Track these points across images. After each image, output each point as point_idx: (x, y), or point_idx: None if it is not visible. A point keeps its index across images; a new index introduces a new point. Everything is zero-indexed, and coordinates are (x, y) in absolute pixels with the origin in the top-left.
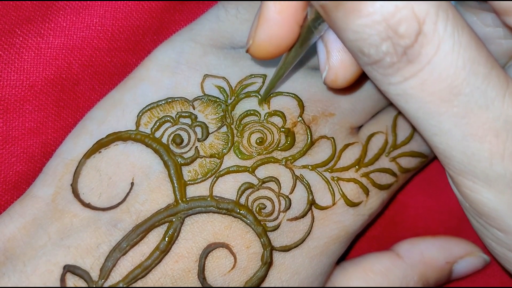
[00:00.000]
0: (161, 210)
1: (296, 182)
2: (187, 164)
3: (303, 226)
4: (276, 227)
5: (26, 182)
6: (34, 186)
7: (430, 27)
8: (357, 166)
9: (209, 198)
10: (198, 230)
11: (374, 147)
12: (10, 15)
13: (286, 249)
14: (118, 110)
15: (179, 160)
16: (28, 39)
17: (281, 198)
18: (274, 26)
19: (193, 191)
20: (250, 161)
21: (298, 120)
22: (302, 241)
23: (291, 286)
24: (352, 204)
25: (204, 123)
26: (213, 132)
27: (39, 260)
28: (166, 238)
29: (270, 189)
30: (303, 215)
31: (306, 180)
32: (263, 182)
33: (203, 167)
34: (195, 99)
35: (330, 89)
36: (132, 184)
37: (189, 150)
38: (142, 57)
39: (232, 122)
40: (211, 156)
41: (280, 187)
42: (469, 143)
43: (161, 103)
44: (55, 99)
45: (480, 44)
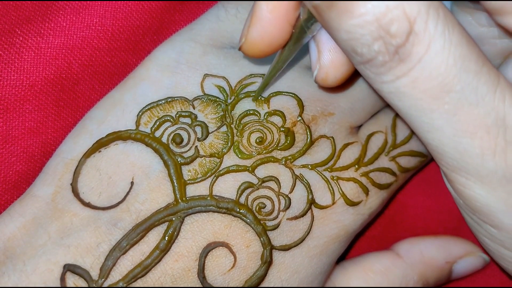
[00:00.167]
0: (161, 209)
1: (295, 182)
2: (187, 163)
3: (303, 226)
4: (275, 226)
5: (26, 181)
6: (34, 185)
7: (421, 26)
8: (356, 166)
9: (209, 198)
10: (198, 229)
11: (373, 147)
12: (10, 15)
13: (286, 248)
14: (118, 109)
15: (179, 159)
16: (28, 39)
17: (280, 198)
18: (266, 24)
19: (193, 191)
20: (250, 160)
21: (298, 119)
22: (302, 240)
23: (291, 285)
24: (351, 203)
25: (204, 123)
26: (213, 131)
27: (39, 259)
28: (166, 237)
29: (270, 188)
30: (303, 214)
31: (305, 179)
32: (263, 182)
33: (203, 167)
34: (195, 99)
35: (327, 88)
36: (132, 183)
37: (189, 150)
38: (142, 57)
39: (232, 121)
40: (211, 155)
41: (280, 187)
42: (460, 140)
43: (161, 103)
44: (55, 99)
45: (471, 41)
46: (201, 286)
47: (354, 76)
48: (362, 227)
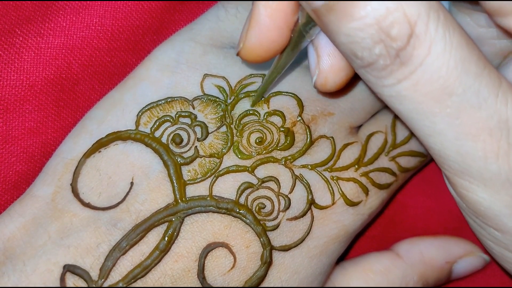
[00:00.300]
0: (160, 209)
1: (295, 182)
2: (187, 163)
3: (303, 226)
4: (275, 227)
5: (26, 181)
6: (34, 185)
7: (421, 29)
8: (356, 166)
9: (208, 198)
10: (198, 230)
11: (373, 147)
12: (10, 15)
13: (286, 248)
14: (118, 109)
15: (179, 159)
16: (28, 39)
17: (280, 198)
18: (265, 29)
19: (192, 191)
20: (249, 160)
21: (298, 119)
22: (302, 240)
23: (291, 285)
24: (351, 203)
25: (203, 123)
26: (212, 131)
27: (39, 259)
28: (166, 238)
29: (269, 188)
30: (303, 215)
31: (305, 179)
32: (263, 182)
33: (203, 167)
34: (195, 99)
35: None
36: (131, 183)
37: (188, 150)
38: (142, 57)
39: (231, 121)
40: (211, 155)
41: (279, 187)
42: (463, 143)
43: (160, 103)
44: (55, 99)
45: (471, 43)
46: (201, 286)
47: (356, 76)
48: (362, 227)
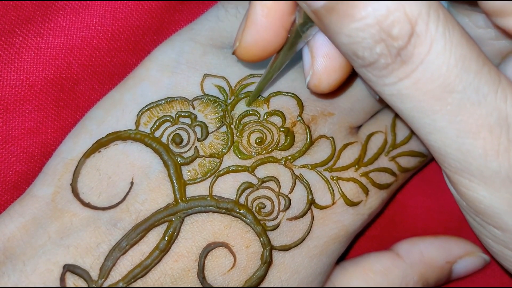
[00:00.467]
0: (160, 209)
1: (295, 182)
2: (187, 163)
3: (303, 226)
4: (275, 227)
5: (26, 181)
6: (34, 185)
7: (422, 28)
8: (356, 166)
9: (208, 198)
10: (198, 230)
11: (373, 147)
12: (10, 15)
13: (286, 248)
14: (117, 109)
15: (179, 159)
16: (28, 39)
17: (280, 198)
18: (261, 29)
19: (192, 191)
20: (249, 160)
21: (298, 119)
22: (302, 240)
23: (291, 285)
24: (351, 203)
25: (203, 123)
26: (212, 131)
27: (39, 259)
28: (166, 238)
29: (269, 188)
30: (303, 215)
31: (305, 179)
32: (263, 182)
33: (203, 167)
34: (195, 99)
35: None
36: (131, 183)
37: (188, 150)
38: (142, 57)
39: (231, 121)
40: (211, 155)
41: (279, 187)
42: (463, 140)
43: (160, 103)
44: (55, 99)
45: (471, 41)
46: (201, 286)
47: (353, 76)
48: (362, 227)
